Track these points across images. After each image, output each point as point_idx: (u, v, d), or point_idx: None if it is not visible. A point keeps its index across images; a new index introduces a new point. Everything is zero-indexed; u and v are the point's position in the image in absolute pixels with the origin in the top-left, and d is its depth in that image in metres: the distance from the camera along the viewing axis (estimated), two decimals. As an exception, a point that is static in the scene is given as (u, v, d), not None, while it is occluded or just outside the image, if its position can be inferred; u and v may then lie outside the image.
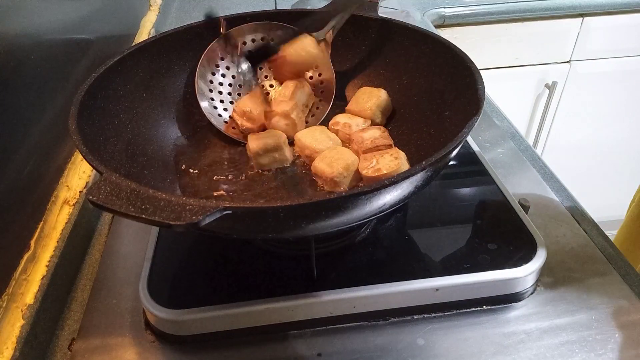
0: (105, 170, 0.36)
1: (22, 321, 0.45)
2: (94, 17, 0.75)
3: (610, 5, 1.31)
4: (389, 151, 0.53)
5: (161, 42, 0.60)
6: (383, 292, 0.47)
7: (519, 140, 0.74)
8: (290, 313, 0.47)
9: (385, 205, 0.40)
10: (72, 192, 0.60)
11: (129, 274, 0.54)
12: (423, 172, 0.39)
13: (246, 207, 0.35)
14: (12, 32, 0.51)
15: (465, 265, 0.49)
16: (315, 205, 0.36)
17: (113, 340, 0.48)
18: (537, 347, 0.46)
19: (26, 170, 0.51)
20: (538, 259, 0.50)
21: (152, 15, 1.10)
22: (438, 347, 0.46)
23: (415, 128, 0.60)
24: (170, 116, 0.61)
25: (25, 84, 0.52)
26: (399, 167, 0.50)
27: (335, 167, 0.52)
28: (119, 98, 0.55)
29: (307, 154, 0.57)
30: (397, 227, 0.55)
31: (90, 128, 0.47)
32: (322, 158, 0.54)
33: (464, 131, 0.42)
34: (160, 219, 0.32)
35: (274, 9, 0.97)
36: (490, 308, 0.49)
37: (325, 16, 0.57)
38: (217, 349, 0.47)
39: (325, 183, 0.53)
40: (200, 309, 0.46)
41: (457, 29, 1.29)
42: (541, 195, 0.63)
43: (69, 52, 0.64)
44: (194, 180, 0.57)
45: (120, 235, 0.60)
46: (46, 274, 0.50)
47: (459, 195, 0.59)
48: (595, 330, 0.47)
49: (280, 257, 0.52)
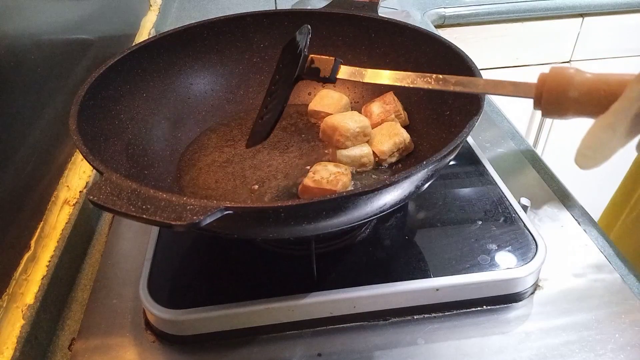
0: (105, 170, 0.36)
1: (22, 321, 0.45)
2: (94, 17, 0.75)
3: (611, 5, 1.31)
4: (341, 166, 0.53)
5: (161, 42, 0.60)
6: (383, 292, 0.47)
7: (519, 140, 0.74)
8: (290, 313, 0.47)
9: (386, 205, 0.40)
10: (73, 192, 0.60)
11: (129, 274, 0.54)
12: (423, 171, 0.39)
13: (247, 207, 0.35)
14: (12, 32, 0.51)
15: (465, 266, 0.49)
16: (316, 205, 0.36)
17: (113, 340, 0.48)
18: (537, 347, 0.46)
19: (26, 170, 0.51)
20: (538, 259, 0.50)
21: (152, 15, 1.10)
22: (438, 347, 0.46)
23: (416, 128, 0.60)
24: (170, 116, 0.61)
25: (25, 84, 0.52)
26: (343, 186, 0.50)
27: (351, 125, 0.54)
28: (119, 98, 0.55)
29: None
30: (397, 227, 0.55)
31: (90, 128, 0.47)
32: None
33: (465, 131, 0.42)
34: (161, 219, 0.32)
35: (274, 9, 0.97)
36: (491, 308, 0.49)
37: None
38: (217, 349, 0.47)
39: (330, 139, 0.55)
40: (200, 309, 0.46)
41: (457, 29, 1.29)
42: (541, 195, 0.63)
43: (69, 52, 0.64)
44: (194, 180, 0.57)
45: (121, 235, 0.60)
46: (46, 274, 0.50)
47: (459, 195, 0.59)
48: (596, 331, 0.47)
49: (280, 257, 0.52)
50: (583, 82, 0.30)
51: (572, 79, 0.31)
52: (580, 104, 0.31)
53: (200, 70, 0.65)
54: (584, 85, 0.30)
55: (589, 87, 0.30)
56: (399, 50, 0.63)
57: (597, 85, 0.30)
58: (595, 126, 0.28)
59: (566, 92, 0.31)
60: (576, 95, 0.30)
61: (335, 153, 0.56)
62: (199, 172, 0.58)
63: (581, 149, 0.29)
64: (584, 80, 0.30)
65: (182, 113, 0.62)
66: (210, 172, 0.58)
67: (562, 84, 0.31)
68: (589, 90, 0.30)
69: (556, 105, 0.31)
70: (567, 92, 0.31)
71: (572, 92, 0.30)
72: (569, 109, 0.31)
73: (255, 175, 0.57)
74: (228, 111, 0.66)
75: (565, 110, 0.31)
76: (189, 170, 0.58)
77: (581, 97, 0.30)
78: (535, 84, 0.33)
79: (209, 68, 0.65)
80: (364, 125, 0.56)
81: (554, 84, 0.31)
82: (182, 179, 0.57)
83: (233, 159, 0.60)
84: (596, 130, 0.28)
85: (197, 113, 0.64)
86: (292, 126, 0.64)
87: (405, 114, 0.60)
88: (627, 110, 0.27)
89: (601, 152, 0.28)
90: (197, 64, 0.64)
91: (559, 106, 0.31)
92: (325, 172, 0.51)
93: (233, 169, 0.58)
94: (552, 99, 0.31)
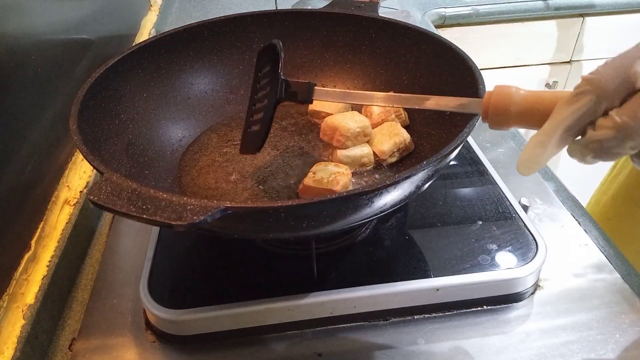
0: (106, 170, 0.36)
1: (22, 321, 0.45)
2: (94, 17, 0.75)
3: (611, 5, 1.31)
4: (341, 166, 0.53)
5: (161, 42, 0.60)
6: (383, 292, 0.47)
7: (519, 140, 0.74)
8: (290, 313, 0.47)
9: (386, 205, 0.40)
10: (73, 192, 0.60)
11: (130, 274, 0.54)
12: (424, 171, 0.39)
13: (247, 207, 0.35)
14: (12, 32, 0.51)
15: (466, 266, 0.49)
16: (316, 205, 0.36)
17: (114, 340, 0.48)
18: (538, 347, 0.46)
19: (27, 171, 0.51)
20: (538, 259, 0.50)
21: (153, 15, 1.10)
22: (438, 347, 0.46)
23: (416, 128, 0.60)
24: (170, 116, 0.61)
25: (25, 84, 0.52)
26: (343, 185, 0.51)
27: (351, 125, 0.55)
28: (120, 98, 0.55)
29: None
30: (398, 227, 0.55)
31: (90, 128, 0.47)
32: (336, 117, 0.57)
33: (465, 131, 0.42)
34: (162, 219, 0.32)
35: (274, 9, 0.97)
36: (491, 308, 0.49)
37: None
38: (217, 349, 0.47)
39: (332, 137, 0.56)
40: (201, 309, 0.46)
41: (458, 29, 1.29)
42: (541, 195, 0.63)
43: (69, 52, 0.64)
44: (194, 180, 0.57)
45: (121, 235, 0.60)
46: (47, 274, 0.50)
47: (459, 195, 0.59)
48: (596, 331, 0.47)
49: (280, 257, 0.52)
50: (521, 100, 0.36)
51: (512, 97, 0.36)
52: (519, 119, 0.36)
53: (200, 70, 0.65)
54: (522, 102, 0.35)
55: (526, 104, 0.35)
56: (399, 50, 0.63)
57: (533, 104, 0.35)
58: (530, 143, 0.34)
59: (508, 108, 0.36)
60: (517, 110, 0.36)
61: (335, 153, 0.56)
62: (199, 172, 0.58)
63: (520, 160, 0.34)
64: (522, 99, 0.36)
65: (182, 113, 0.62)
66: (210, 172, 0.58)
67: (505, 100, 0.36)
68: (525, 108, 0.35)
69: (500, 118, 0.37)
70: (509, 107, 0.36)
71: (513, 108, 0.36)
72: (510, 122, 0.36)
73: (256, 175, 0.57)
74: (228, 111, 0.66)
75: (507, 123, 0.37)
76: (189, 170, 0.58)
77: (520, 113, 0.36)
78: (482, 100, 0.38)
79: (209, 68, 0.65)
80: (364, 125, 0.56)
81: (498, 101, 0.36)
82: (182, 179, 0.57)
83: (233, 159, 0.60)
84: (530, 146, 0.33)
85: (197, 113, 0.64)
86: (292, 126, 0.64)
87: (405, 114, 0.60)
88: (555, 130, 0.32)
89: (536, 162, 0.34)
90: (197, 64, 0.64)
91: (502, 120, 0.37)
92: (326, 172, 0.51)
93: (233, 169, 0.58)
94: (496, 113, 0.37)
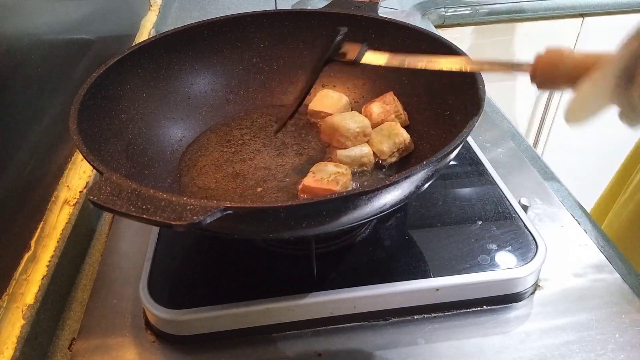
0: (105, 171, 0.36)
1: (22, 321, 0.45)
2: (94, 17, 0.75)
3: (611, 5, 1.31)
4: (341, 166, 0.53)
5: (161, 42, 0.60)
6: (383, 292, 0.47)
7: (519, 140, 0.74)
8: (290, 313, 0.47)
9: (386, 205, 0.40)
10: (73, 192, 0.60)
11: (130, 274, 0.54)
12: (424, 171, 0.39)
13: (247, 207, 0.35)
14: (12, 32, 0.51)
15: (466, 266, 0.49)
16: (316, 205, 0.36)
17: (113, 340, 0.48)
18: (537, 347, 0.46)
19: (26, 170, 0.51)
20: (538, 259, 0.50)
21: (152, 15, 1.10)
22: (438, 347, 0.46)
23: (416, 128, 0.60)
24: (170, 116, 0.61)
25: (25, 84, 0.52)
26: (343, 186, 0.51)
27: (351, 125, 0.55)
28: (120, 98, 0.55)
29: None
30: (398, 227, 0.55)
31: (90, 128, 0.47)
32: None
33: (465, 131, 0.42)
34: (161, 219, 0.32)
35: (274, 9, 0.97)
36: (491, 308, 0.49)
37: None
38: (217, 349, 0.47)
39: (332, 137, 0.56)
40: (200, 309, 0.46)
41: (457, 29, 1.29)
42: (541, 195, 0.63)
43: (69, 52, 0.64)
44: (194, 180, 0.57)
45: (121, 235, 0.60)
46: (46, 274, 0.50)
47: (459, 195, 0.59)
48: (596, 331, 0.47)
49: (280, 257, 0.52)
50: (571, 58, 0.36)
51: (562, 56, 0.36)
52: (569, 77, 0.35)
53: (200, 70, 0.65)
54: (573, 60, 0.36)
55: (577, 62, 0.35)
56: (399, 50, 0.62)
57: (584, 59, 0.35)
58: (582, 88, 0.32)
59: (557, 67, 0.36)
60: (567, 67, 0.36)
61: (335, 153, 0.56)
62: (199, 172, 0.58)
63: (569, 108, 0.33)
64: (573, 57, 0.36)
65: (182, 113, 0.62)
66: (210, 172, 0.58)
67: (555, 58, 0.36)
68: (576, 65, 0.35)
69: (549, 77, 0.37)
70: (558, 66, 0.36)
71: (563, 66, 0.36)
72: (559, 81, 0.36)
73: (256, 175, 0.57)
74: (228, 111, 0.66)
75: (556, 82, 0.37)
76: (189, 170, 0.58)
77: (571, 70, 0.35)
78: (531, 63, 0.38)
79: (209, 68, 0.65)
80: (364, 125, 0.56)
81: (548, 59, 0.37)
82: (182, 179, 0.57)
83: (233, 159, 0.60)
84: (583, 91, 0.32)
85: (197, 113, 0.64)
86: (292, 126, 0.64)
87: (405, 114, 0.60)
88: (611, 70, 0.31)
89: (588, 108, 0.33)
90: (197, 64, 0.64)
91: (551, 78, 0.37)
92: (325, 172, 0.51)
93: (233, 169, 0.58)
94: (545, 72, 0.37)
